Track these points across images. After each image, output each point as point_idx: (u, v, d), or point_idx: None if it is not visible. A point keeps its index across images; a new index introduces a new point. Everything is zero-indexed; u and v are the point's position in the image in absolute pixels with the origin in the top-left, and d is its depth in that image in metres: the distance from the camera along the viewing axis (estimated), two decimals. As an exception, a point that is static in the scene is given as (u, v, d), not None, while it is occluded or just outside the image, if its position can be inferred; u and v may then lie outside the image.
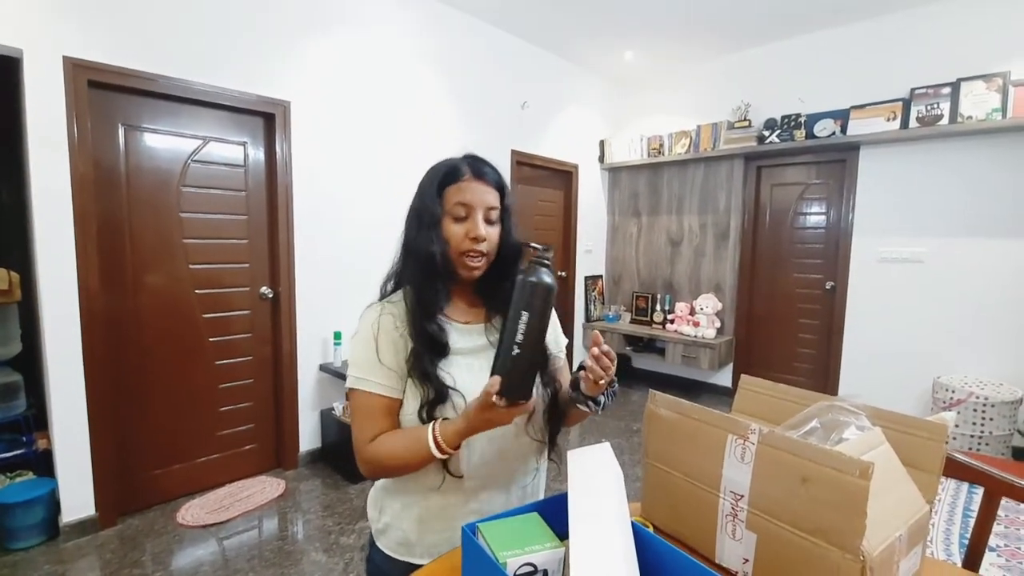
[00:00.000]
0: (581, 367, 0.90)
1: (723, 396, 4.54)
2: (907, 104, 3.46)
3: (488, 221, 0.93)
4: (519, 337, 0.79)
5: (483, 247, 0.92)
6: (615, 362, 0.87)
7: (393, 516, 0.97)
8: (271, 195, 2.85)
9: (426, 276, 0.92)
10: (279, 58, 2.79)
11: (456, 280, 0.96)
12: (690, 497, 0.86)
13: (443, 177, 0.93)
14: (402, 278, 0.98)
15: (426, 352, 0.90)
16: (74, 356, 2.24)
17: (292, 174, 2.87)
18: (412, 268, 0.94)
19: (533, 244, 0.86)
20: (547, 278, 0.81)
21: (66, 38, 2.15)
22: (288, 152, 2.85)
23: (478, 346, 0.97)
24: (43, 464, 2.41)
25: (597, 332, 0.88)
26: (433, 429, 0.85)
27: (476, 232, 0.90)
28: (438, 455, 0.84)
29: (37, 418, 2.54)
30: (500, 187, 0.95)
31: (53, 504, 2.27)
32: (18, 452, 2.41)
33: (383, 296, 1.00)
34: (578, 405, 0.92)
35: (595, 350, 0.84)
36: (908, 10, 3.54)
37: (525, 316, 0.79)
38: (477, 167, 0.93)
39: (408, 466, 0.89)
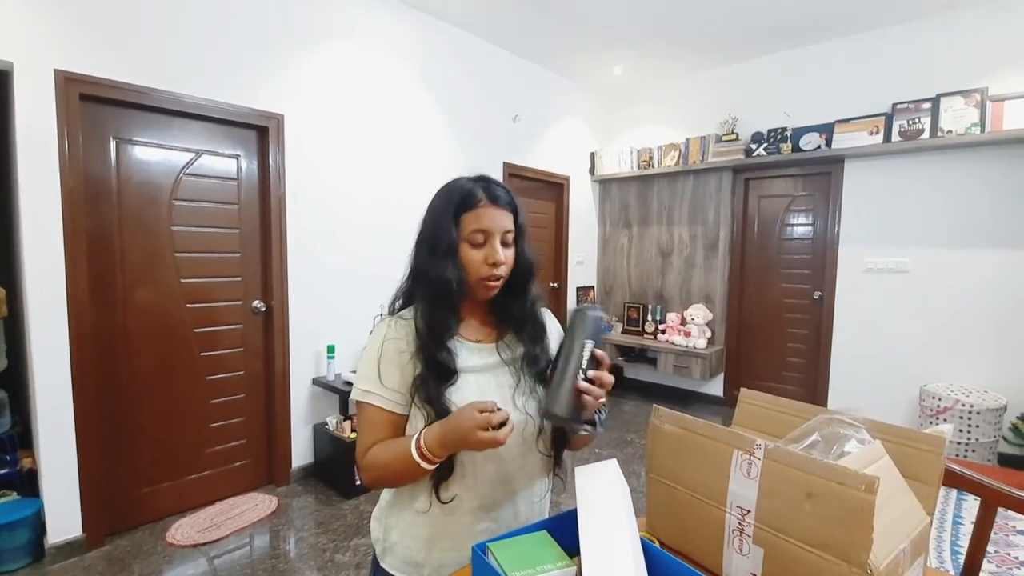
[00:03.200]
0: None
1: (715, 405, 4.57)
2: (889, 119, 3.55)
3: (504, 244, 0.94)
4: (585, 363, 0.85)
5: (502, 271, 0.93)
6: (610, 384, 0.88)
7: (400, 534, 0.96)
8: (264, 208, 2.84)
9: (439, 303, 0.92)
10: (273, 71, 2.79)
11: (469, 300, 0.97)
12: (696, 512, 0.87)
13: (459, 203, 0.92)
14: (412, 298, 0.98)
15: (433, 378, 0.90)
16: (62, 372, 2.19)
17: (285, 187, 2.87)
18: (424, 294, 0.94)
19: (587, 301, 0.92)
20: (603, 314, 0.91)
21: (58, 51, 2.13)
22: (281, 165, 2.85)
23: (489, 364, 0.97)
24: (28, 484, 2.35)
25: (605, 354, 0.88)
26: (418, 438, 0.85)
27: (495, 258, 0.91)
28: (423, 465, 0.83)
29: (22, 436, 2.48)
30: (514, 209, 0.95)
31: (38, 525, 2.21)
32: (2, 472, 2.35)
33: (392, 312, 1.00)
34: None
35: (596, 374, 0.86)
36: (889, 27, 3.65)
37: (590, 344, 0.86)
38: (492, 191, 0.93)
39: (398, 475, 0.88)
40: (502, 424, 0.81)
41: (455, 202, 0.92)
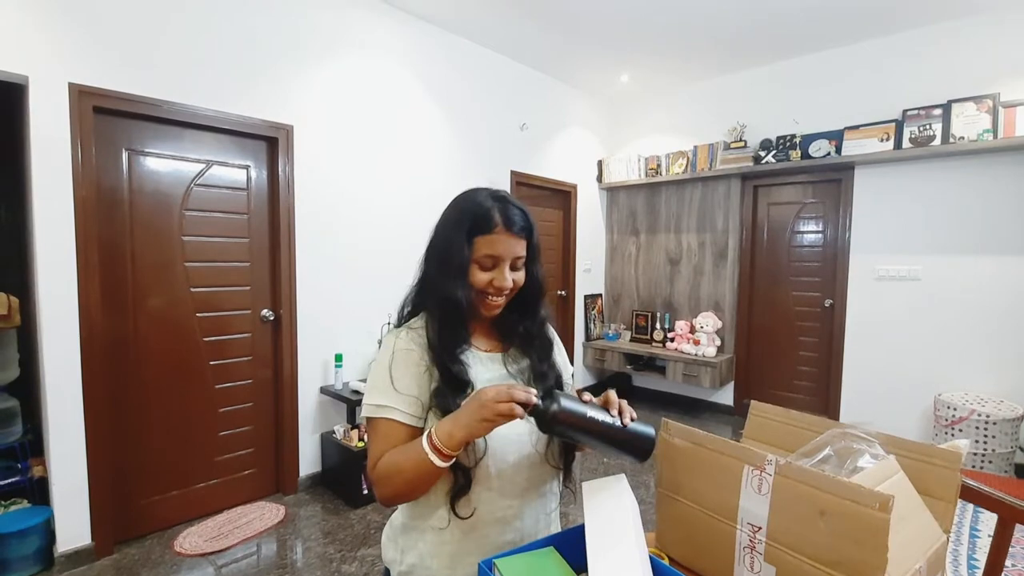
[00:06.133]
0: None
1: (724, 415, 4.53)
2: (900, 125, 3.53)
3: (513, 268, 0.94)
4: (598, 416, 0.86)
5: (505, 292, 0.93)
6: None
7: (419, 556, 0.93)
8: (273, 218, 2.86)
9: (448, 317, 0.91)
10: (282, 83, 2.82)
11: (476, 315, 0.96)
12: (706, 529, 0.86)
13: (473, 224, 0.91)
14: (420, 307, 0.98)
15: (449, 391, 0.88)
16: (73, 381, 2.21)
17: (294, 197, 2.89)
18: (433, 306, 0.94)
19: None
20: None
21: (72, 65, 2.17)
22: (291, 175, 2.87)
23: (498, 376, 0.96)
24: (38, 492, 2.37)
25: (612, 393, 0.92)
26: (429, 432, 0.81)
27: (502, 283, 0.91)
28: (437, 461, 0.79)
29: (33, 444, 2.51)
30: (528, 233, 0.94)
31: (48, 533, 2.22)
32: (13, 480, 2.37)
33: (400, 320, 0.99)
34: None
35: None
36: (900, 33, 3.63)
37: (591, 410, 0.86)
38: (509, 216, 0.91)
39: (411, 481, 0.83)
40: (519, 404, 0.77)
41: (470, 221, 0.91)
